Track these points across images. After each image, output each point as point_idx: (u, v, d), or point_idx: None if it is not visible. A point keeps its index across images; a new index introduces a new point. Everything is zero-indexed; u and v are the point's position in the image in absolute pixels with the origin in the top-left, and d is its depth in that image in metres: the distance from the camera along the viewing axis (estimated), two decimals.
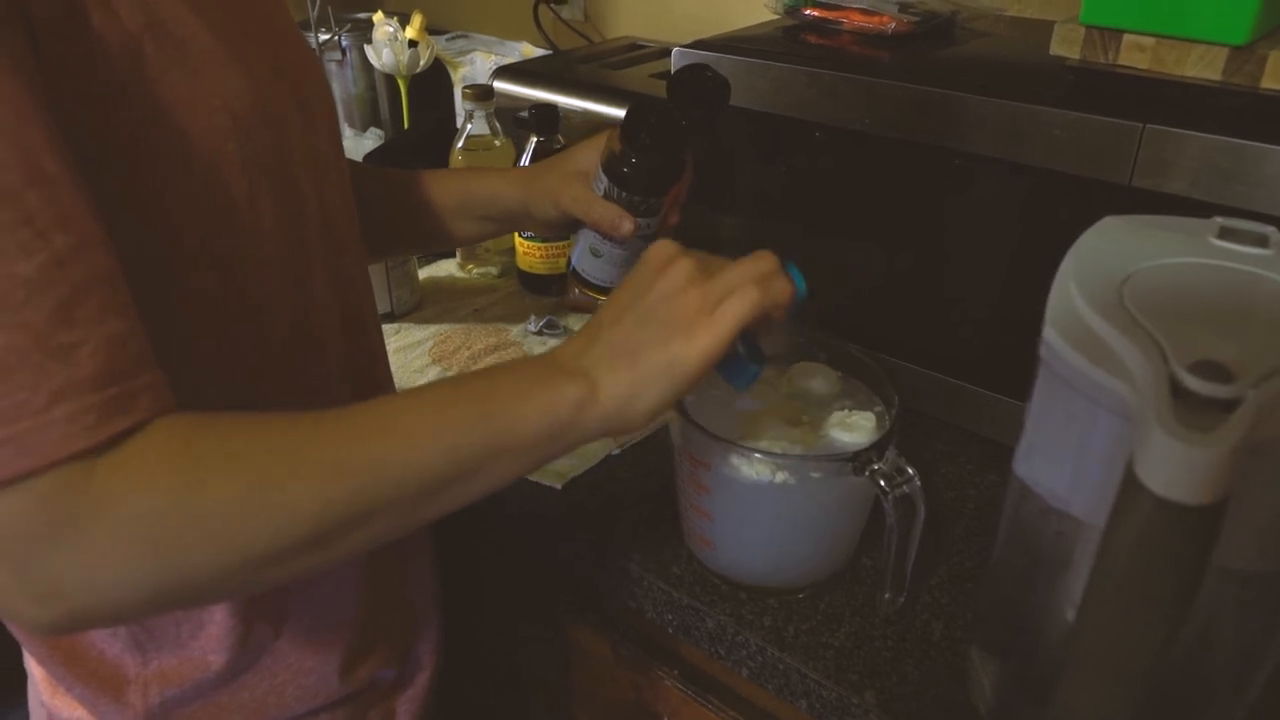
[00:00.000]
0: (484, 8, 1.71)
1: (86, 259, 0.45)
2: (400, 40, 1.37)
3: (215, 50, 0.56)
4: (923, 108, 0.81)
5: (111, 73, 0.50)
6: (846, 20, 0.98)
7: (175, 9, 0.54)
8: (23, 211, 0.43)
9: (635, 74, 1.24)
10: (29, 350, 0.43)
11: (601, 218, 0.74)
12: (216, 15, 0.57)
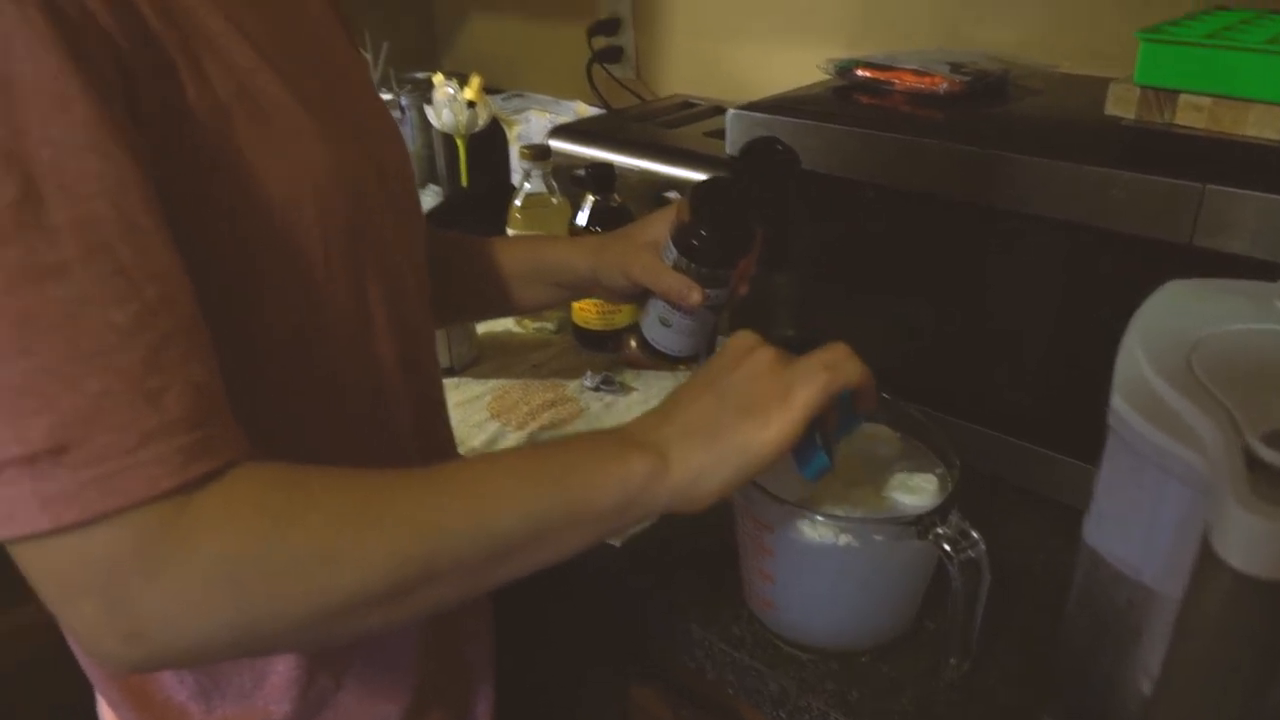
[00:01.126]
0: (539, 67, 1.75)
1: (174, 309, 0.48)
2: (459, 101, 1.41)
3: (300, 119, 0.58)
4: (978, 169, 0.82)
5: (201, 137, 0.53)
6: (898, 81, 0.99)
7: (264, 77, 0.57)
8: (118, 263, 0.46)
9: (689, 132, 1.26)
10: (121, 393, 0.45)
11: (670, 288, 0.76)
12: (302, 83, 0.60)
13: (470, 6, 1.86)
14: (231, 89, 0.54)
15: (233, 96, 0.54)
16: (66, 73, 0.44)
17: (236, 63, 0.55)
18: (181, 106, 0.51)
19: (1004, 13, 1.17)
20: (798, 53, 1.37)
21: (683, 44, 1.53)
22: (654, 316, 0.79)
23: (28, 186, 0.43)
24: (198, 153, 0.53)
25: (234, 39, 0.55)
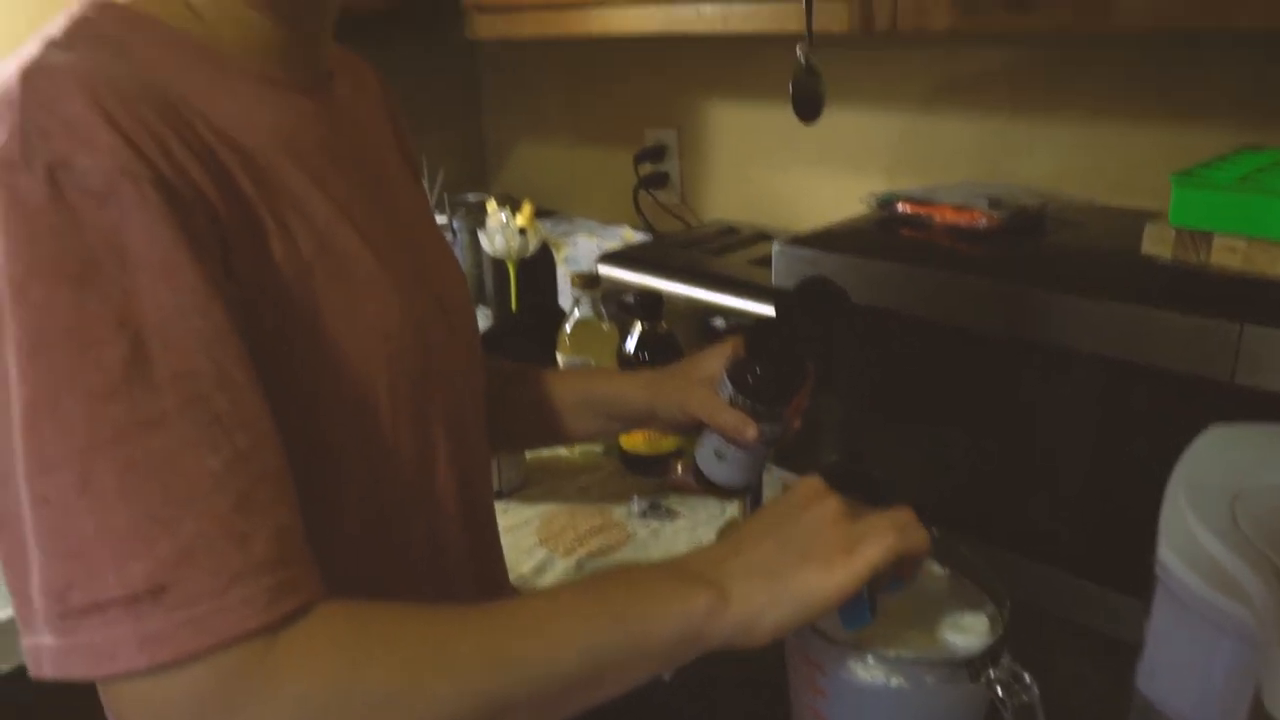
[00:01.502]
0: (586, 190, 1.83)
1: (262, 455, 0.51)
2: (511, 227, 1.47)
3: (374, 270, 0.63)
4: (1018, 305, 0.84)
5: (286, 292, 0.57)
6: (938, 216, 1.03)
7: (342, 231, 0.62)
8: (214, 413, 0.49)
9: (734, 260, 1.30)
10: (214, 536, 0.48)
11: (727, 424, 0.78)
12: (375, 232, 0.65)
13: (520, 132, 1.95)
14: (313, 246, 0.59)
15: (314, 253, 0.59)
16: (174, 243, 0.49)
17: (317, 219, 0.60)
18: (270, 265, 0.56)
19: (1040, 147, 1.21)
20: (838, 180, 1.43)
21: (726, 171, 1.59)
22: (709, 449, 0.81)
23: (136, 346, 0.48)
24: (281, 306, 0.57)
25: (315, 196, 0.61)
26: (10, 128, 0.48)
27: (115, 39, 0.55)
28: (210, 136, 0.55)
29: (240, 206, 0.55)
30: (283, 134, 0.60)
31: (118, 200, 0.47)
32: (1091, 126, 1.16)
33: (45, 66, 0.50)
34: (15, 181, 0.47)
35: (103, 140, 0.48)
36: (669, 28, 1.07)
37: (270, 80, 0.61)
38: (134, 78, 0.52)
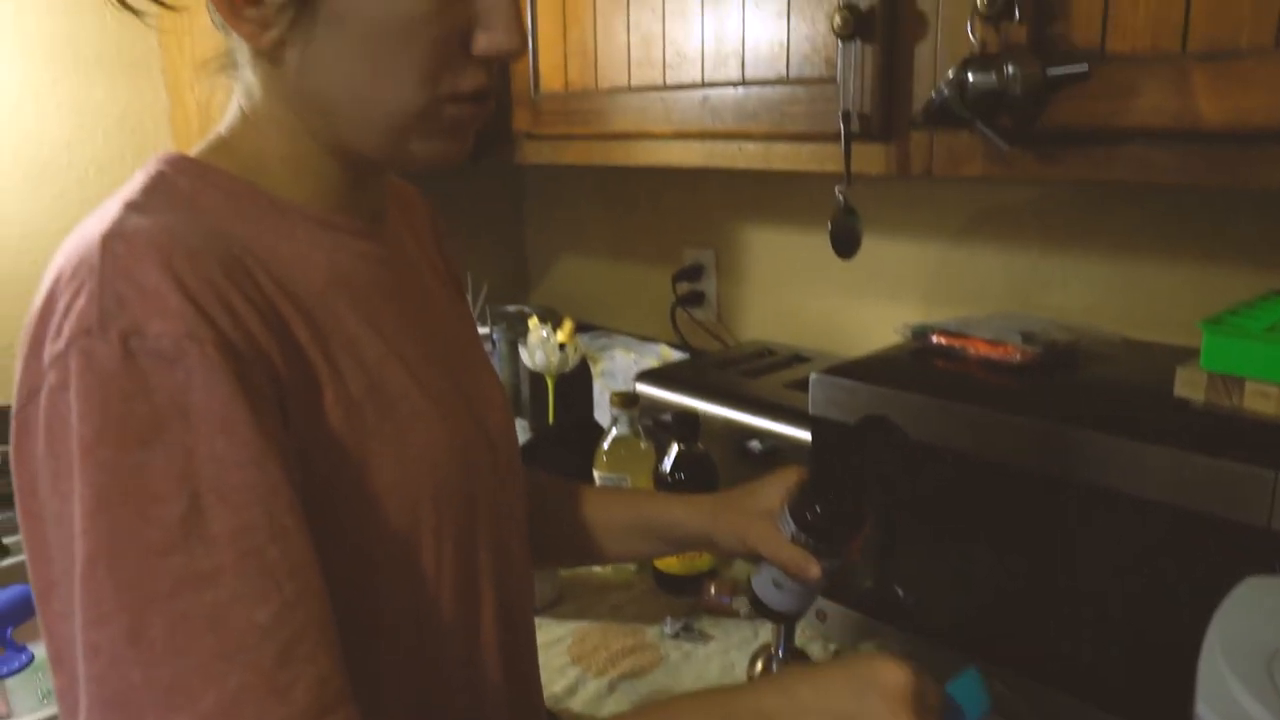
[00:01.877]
0: (624, 305, 1.87)
1: (308, 604, 0.53)
2: (551, 342, 1.51)
3: (421, 404, 0.66)
4: (1053, 443, 0.86)
5: (336, 434, 0.60)
6: (973, 349, 1.05)
7: (391, 368, 0.65)
8: (265, 564, 0.52)
9: (770, 383, 1.33)
10: (256, 687, 0.50)
11: (789, 560, 0.79)
12: (423, 368, 0.68)
13: (561, 246, 2.02)
14: (364, 385, 0.63)
15: (365, 392, 0.63)
16: (233, 399, 0.53)
17: (368, 357, 0.64)
18: (323, 411, 0.60)
19: (1071, 281, 1.24)
20: (873, 306, 1.46)
21: (762, 292, 1.63)
22: (767, 579, 0.82)
23: (194, 501, 0.51)
24: (333, 450, 0.60)
25: (366, 334, 0.65)
26: (90, 294, 0.52)
27: (187, 193, 0.61)
28: (270, 286, 0.59)
29: (296, 356, 0.59)
30: (337, 276, 0.65)
31: (184, 362, 0.51)
32: (1121, 263, 1.19)
33: (124, 233, 0.54)
34: (92, 347, 0.50)
35: (173, 305, 0.52)
36: (711, 162, 1.12)
37: (327, 224, 0.66)
38: (203, 234, 0.57)
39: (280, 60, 0.61)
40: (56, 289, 0.55)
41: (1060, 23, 0.80)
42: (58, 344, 0.52)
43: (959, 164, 0.90)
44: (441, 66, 0.60)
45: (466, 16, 0.61)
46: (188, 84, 1.57)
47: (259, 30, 0.60)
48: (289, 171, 0.65)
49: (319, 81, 0.61)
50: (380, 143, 0.63)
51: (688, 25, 1.11)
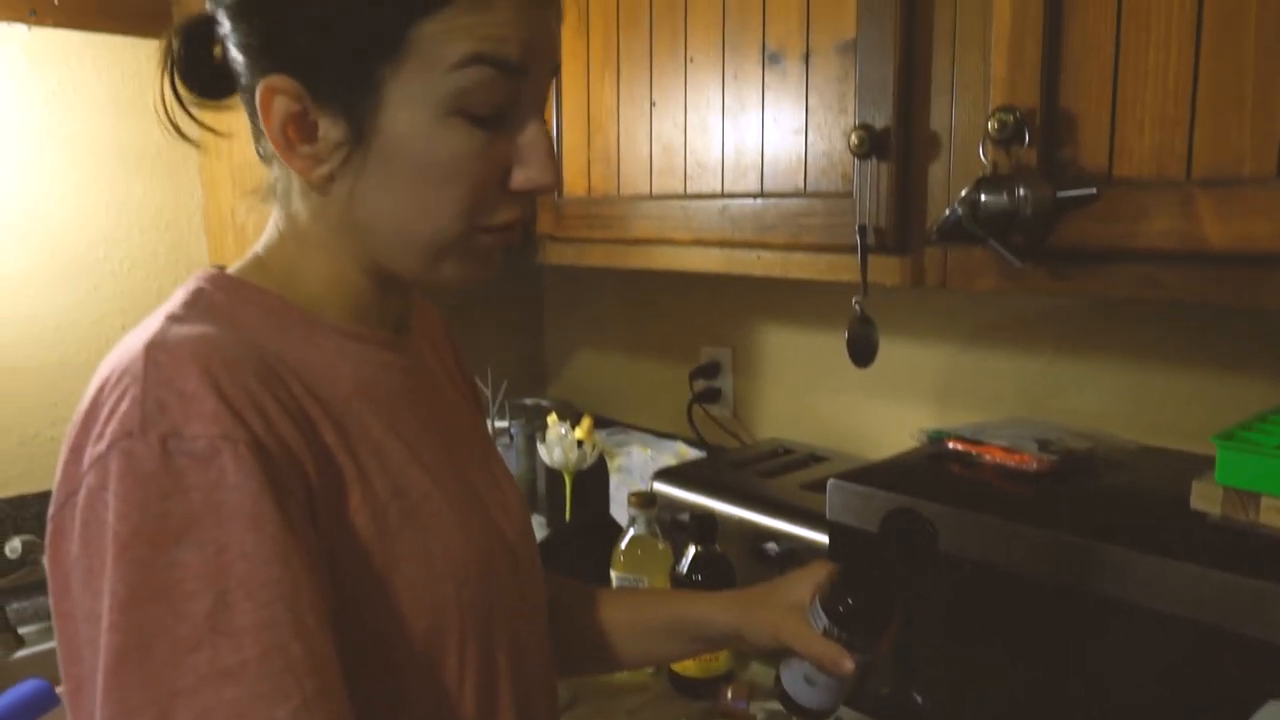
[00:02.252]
0: (641, 400, 1.90)
1: (327, 700, 0.54)
2: (570, 439, 1.53)
3: (443, 509, 0.68)
4: (1071, 555, 0.87)
5: (361, 534, 0.62)
6: (989, 455, 1.06)
7: (415, 475, 0.67)
8: (288, 660, 0.53)
9: (787, 483, 1.34)
10: None
11: (823, 655, 0.79)
12: (444, 475, 0.70)
13: (579, 341, 2.05)
14: (388, 489, 0.65)
15: (389, 495, 0.65)
16: (263, 496, 0.55)
17: (391, 462, 0.66)
18: (349, 510, 0.62)
19: (1084, 386, 1.25)
20: (888, 407, 1.48)
21: (778, 390, 1.65)
22: (798, 674, 0.82)
23: (221, 596, 0.53)
24: (358, 549, 0.62)
25: (390, 440, 0.67)
26: (133, 399, 0.55)
27: (225, 307, 0.65)
28: (301, 392, 0.62)
29: (325, 458, 0.62)
30: (362, 385, 0.68)
31: (218, 461, 0.54)
32: (1134, 370, 1.21)
33: (166, 342, 0.58)
34: (133, 449, 0.53)
35: (209, 409, 0.55)
36: (729, 269, 1.15)
37: (355, 336, 0.69)
38: (240, 344, 0.60)
39: (328, 191, 0.65)
40: (101, 396, 0.58)
41: (1069, 147, 0.83)
42: (99, 446, 0.55)
43: (972, 278, 0.93)
44: (480, 201, 0.64)
45: (506, 155, 0.65)
46: (224, 184, 1.63)
47: (312, 165, 0.63)
48: (322, 288, 0.69)
49: (364, 211, 0.65)
50: (416, 267, 0.67)
51: (708, 138, 1.15)
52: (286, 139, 0.63)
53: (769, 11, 1.06)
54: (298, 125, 0.62)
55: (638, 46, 1.23)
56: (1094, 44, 0.80)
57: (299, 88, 0.61)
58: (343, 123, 0.62)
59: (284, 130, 0.62)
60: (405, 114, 0.61)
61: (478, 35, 0.60)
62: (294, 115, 0.62)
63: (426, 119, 0.61)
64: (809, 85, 1.03)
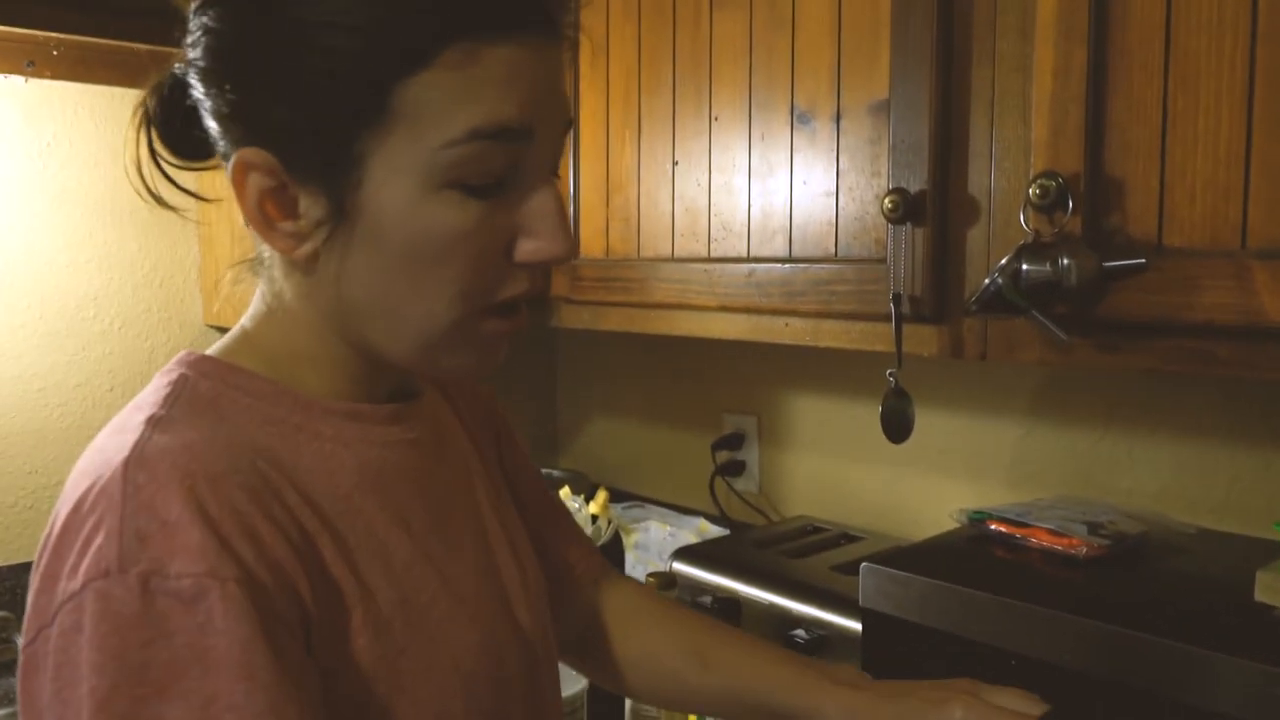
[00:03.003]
0: (659, 472, 1.90)
1: None
2: (584, 514, 1.54)
3: (452, 611, 0.68)
4: (1123, 648, 0.86)
5: (365, 654, 0.62)
6: (1034, 539, 1.06)
7: (422, 574, 0.67)
8: None
9: (816, 565, 1.34)
10: None
11: None
12: (452, 568, 0.70)
13: (594, 408, 2.07)
14: (393, 599, 0.64)
15: (394, 607, 0.64)
16: (254, 640, 0.54)
17: (396, 561, 0.66)
18: (350, 632, 0.62)
19: (1138, 463, 1.26)
20: (925, 482, 1.48)
21: (806, 463, 1.65)
22: None
23: None
24: (361, 669, 0.62)
25: (395, 535, 0.66)
26: (109, 531, 0.54)
27: (210, 398, 0.63)
28: (295, 501, 0.61)
29: (323, 578, 0.61)
30: (365, 475, 0.66)
31: (205, 602, 0.53)
32: (1192, 445, 1.21)
33: (146, 459, 0.56)
34: (109, 590, 0.52)
35: (195, 541, 0.54)
36: (755, 336, 1.17)
37: (353, 415, 0.68)
38: (228, 452, 0.59)
39: (312, 270, 0.64)
40: (74, 520, 0.56)
41: (1115, 215, 0.85)
42: (73, 582, 0.53)
43: (1015, 350, 0.94)
44: (480, 279, 0.62)
45: (509, 225, 0.62)
46: (222, 241, 1.66)
47: (294, 243, 0.62)
48: (314, 366, 0.67)
49: (352, 291, 0.63)
50: (411, 355, 0.65)
51: (734, 199, 1.18)
52: (264, 215, 0.61)
53: (798, 70, 1.09)
54: (276, 201, 0.61)
55: (660, 104, 1.26)
56: (1140, 109, 0.82)
57: (274, 162, 0.60)
58: (323, 199, 0.60)
59: (260, 207, 0.61)
60: (391, 188, 0.59)
61: (470, 101, 0.58)
62: (270, 190, 0.60)
63: (416, 193, 0.59)
64: (840, 146, 1.06)
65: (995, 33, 0.92)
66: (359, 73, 0.57)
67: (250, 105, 0.60)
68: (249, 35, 0.60)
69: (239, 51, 0.60)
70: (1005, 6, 0.91)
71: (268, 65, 0.59)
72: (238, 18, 0.60)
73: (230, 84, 0.61)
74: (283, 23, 0.58)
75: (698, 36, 1.21)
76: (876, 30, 1.02)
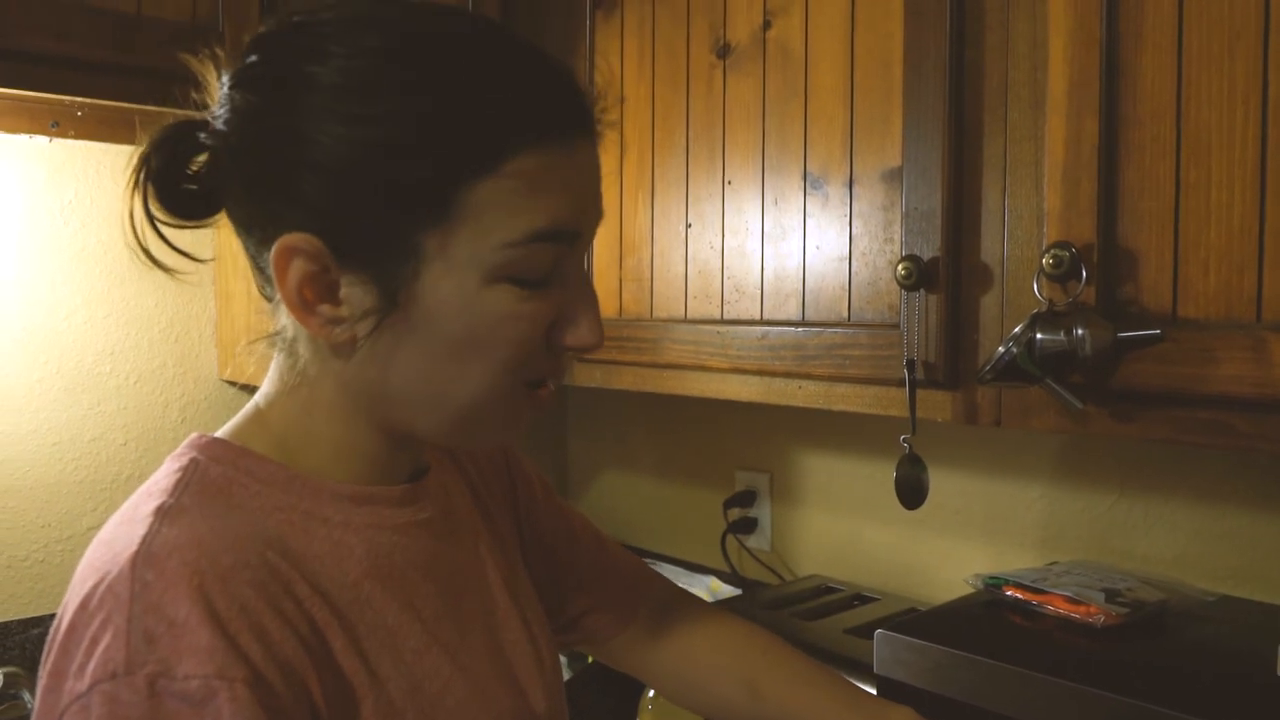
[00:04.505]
0: (670, 529, 1.89)
1: None
2: None
3: (464, 697, 0.67)
4: None
5: None
6: (1051, 606, 1.05)
7: (433, 661, 0.66)
8: None
9: (829, 628, 1.32)
10: None
11: None
12: (463, 653, 0.69)
13: (604, 462, 2.06)
14: (404, 688, 0.63)
15: (405, 697, 0.63)
16: None
17: (407, 650, 0.65)
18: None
19: (1155, 527, 1.24)
20: (938, 543, 1.47)
21: (820, 522, 1.64)
22: None
23: None
24: None
25: (405, 622, 0.66)
26: (116, 631, 0.53)
27: (220, 484, 0.63)
28: (305, 592, 0.61)
29: (333, 671, 0.60)
30: (375, 562, 0.66)
31: (213, 705, 0.52)
32: (1211, 509, 1.20)
33: (154, 555, 0.56)
34: (117, 693, 0.52)
35: (204, 642, 0.53)
36: (769, 399, 1.17)
37: (365, 499, 0.67)
38: (237, 543, 0.59)
39: (348, 354, 0.64)
40: (81, 618, 0.56)
41: (1129, 285, 0.85)
42: (80, 683, 0.53)
43: (1029, 417, 0.93)
44: (521, 362, 0.64)
45: (551, 311, 0.64)
46: (239, 297, 1.67)
47: (331, 327, 0.62)
48: (329, 448, 0.67)
49: (395, 379, 0.64)
50: (444, 432, 0.66)
51: (747, 262, 1.18)
52: (303, 299, 0.61)
53: (810, 136, 1.10)
54: (315, 285, 0.61)
55: (674, 167, 1.27)
56: (1152, 181, 0.83)
57: (321, 248, 0.60)
58: (373, 288, 0.60)
59: (300, 291, 0.61)
60: (449, 281, 0.60)
61: (531, 204, 0.60)
62: (311, 275, 0.60)
63: (472, 286, 0.61)
64: (853, 212, 1.06)
65: (1007, 102, 0.93)
66: (427, 173, 0.59)
67: (301, 189, 0.60)
68: (310, 125, 0.59)
69: (297, 138, 0.59)
70: (1017, 77, 0.92)
71: (329, 157, 0.59)
72: (295, 108, 0.59)
73: (280, 167, 0.60)
74: (350, 120, 0.58)
75: (711, 101, 1.22)
76: (889, 98, 1.03)
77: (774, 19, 1.15)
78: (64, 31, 1.21)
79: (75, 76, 1.24)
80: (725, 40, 1.21)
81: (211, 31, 1.33)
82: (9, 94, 1.26)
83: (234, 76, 0.63)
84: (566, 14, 1.42)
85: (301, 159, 0.59)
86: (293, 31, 0.62)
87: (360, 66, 0.59)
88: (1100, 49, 0.84)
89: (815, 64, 1.10)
